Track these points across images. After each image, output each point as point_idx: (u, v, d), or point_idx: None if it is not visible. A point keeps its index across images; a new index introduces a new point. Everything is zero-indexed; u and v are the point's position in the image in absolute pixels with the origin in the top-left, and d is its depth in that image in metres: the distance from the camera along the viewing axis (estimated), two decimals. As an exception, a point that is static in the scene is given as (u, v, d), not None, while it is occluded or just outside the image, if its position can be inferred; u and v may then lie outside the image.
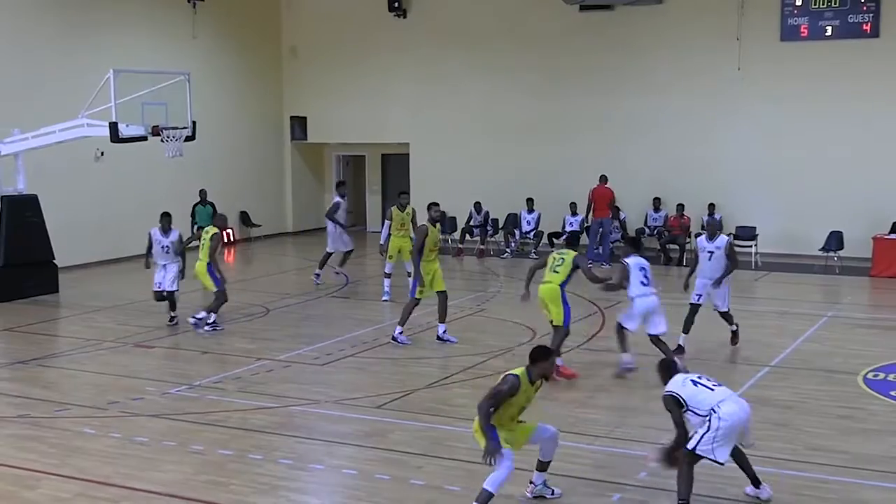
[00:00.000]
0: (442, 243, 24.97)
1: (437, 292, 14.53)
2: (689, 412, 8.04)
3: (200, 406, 11.30)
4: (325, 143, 29.73)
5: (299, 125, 28.87)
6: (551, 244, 22.44)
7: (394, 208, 17.89)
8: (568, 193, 23.96)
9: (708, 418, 7.93)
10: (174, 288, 16.05)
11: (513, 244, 24.47)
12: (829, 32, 22.33)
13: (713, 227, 14.11)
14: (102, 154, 22.20)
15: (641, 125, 24.24)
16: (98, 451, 9.80)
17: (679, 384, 8.15)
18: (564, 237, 14.67)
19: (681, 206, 23.08)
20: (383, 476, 8.99)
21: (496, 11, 25.77)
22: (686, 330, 13.75)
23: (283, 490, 8.75)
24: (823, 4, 22.26)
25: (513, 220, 25.09)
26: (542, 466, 8.39)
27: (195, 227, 21.38)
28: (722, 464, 8.01)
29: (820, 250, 21.71)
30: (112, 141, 17.13)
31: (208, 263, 15.34)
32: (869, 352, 13.81)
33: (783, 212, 22.99)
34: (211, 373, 12.82)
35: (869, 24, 21.93)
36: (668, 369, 8.46)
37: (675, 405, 8.08)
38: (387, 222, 17.86)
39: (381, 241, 17.99)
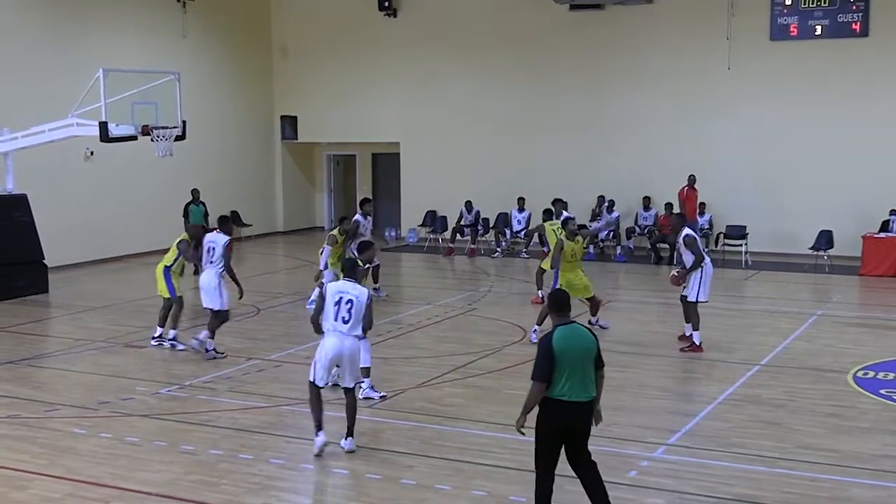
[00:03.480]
0: (433, 242, 25.22)
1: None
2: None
3: (191, 406, 11.28)
4: (316, 143, 29.71)
5: (290, 125, 28.85)
6: (542, 243, 22.41)
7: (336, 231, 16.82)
8: (558, 193, 23.91)
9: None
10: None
11: (503, 243, 24.48)
12: (818, 32, 22.39)
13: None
14: (92, 154, 22.16)
15: (632, 124, 24.29)
16: (88, 451, 9.77)
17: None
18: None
19: (670, 206, 23.11)
20: (374, 476, 8.98)
21: (487, 11, 25.79)
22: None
23: (273, 490, 8.74)
24: (813, 4, 22.32)
25: (503, 220, 25.11)
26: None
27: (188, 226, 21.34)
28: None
29: (810, 249, 21.77)
30: (102, 140, 17.08)
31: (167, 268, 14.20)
32: (859, 350, 13.87)
33: (773, 211, 23.05)
34: (201, 372, 12.79)
35: (858, 24, 22.01)
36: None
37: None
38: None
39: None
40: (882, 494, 8.58)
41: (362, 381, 10.98)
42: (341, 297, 9.37)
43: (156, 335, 14.41)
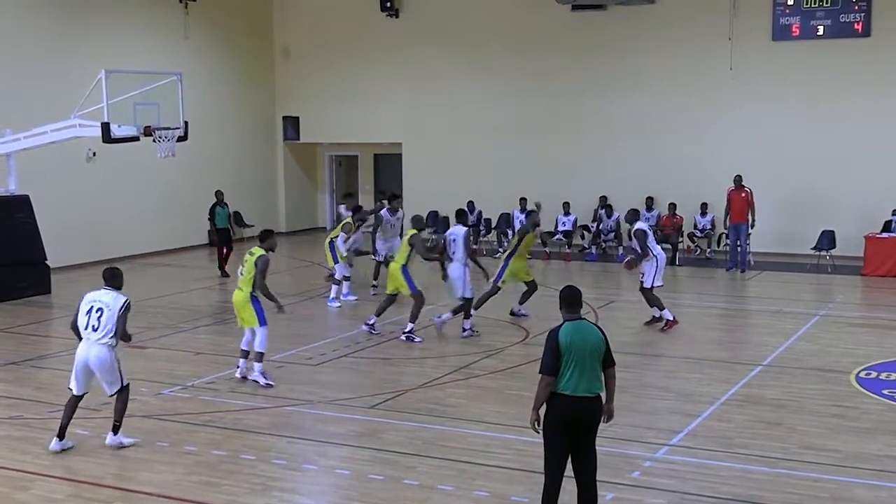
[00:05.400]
0: (434, 243, 25.20)
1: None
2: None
3: (193, 406, 11.28)
4: (318, 143, 29.72)
5: (292, 125, 28.85)
6: (543, 244, 22.44)
7: (351, 219, 18.18)
8: (561, 193, 23.99)
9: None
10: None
11: (506, 244, 24.45)
12: (820, 32, 22.37)
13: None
14: (95, 154, 22.18)
15: (634, 125, 24.27)
16: (91, 452, 9.78)
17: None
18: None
19: (673, 206, 23.11)
20: (376, 476, 8.99)
21: (488, 11, 25.78)
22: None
23: (276, 490, 8.75)
24: (815, 4, 22.31)
25: (506, 220, 25.08)
26: (245, 355, 12.24)
27: (215, 228, 21.35)
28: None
29: (812, 249, 21.74)
30: (104, 141, 17.10)
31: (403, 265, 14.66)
32: (861, 350, 13.86)
33: (775, 211, 23.01)
34: (204, 373, 12.80)
35: (861, 24, 21.99)
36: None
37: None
38: (343, 235, 17.97)
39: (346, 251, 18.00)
40: (884, 495, 8.58)
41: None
42: (92, 306, 9.47)
43: (406, 330, 14.62)
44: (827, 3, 22.20)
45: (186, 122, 17.91)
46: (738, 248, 21.36)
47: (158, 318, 16.20)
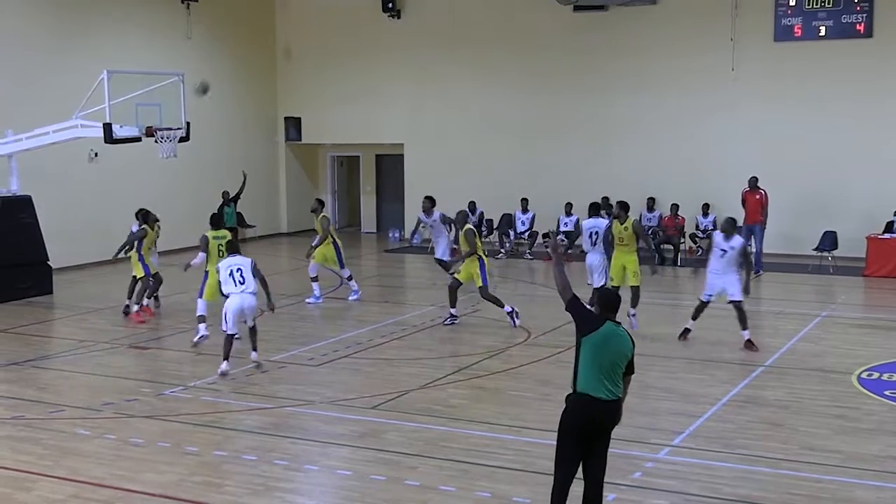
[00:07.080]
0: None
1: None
2: None
3: (195, 407, 11.29)
4: (320, 144, 29.73)
5: (294, 126, 28.87)
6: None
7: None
8: (562, 194, 23.97)
9: None
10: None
11: (507, 245, 24.48)
12: (822, 33, 22.37)
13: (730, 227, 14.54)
14: (97, 155, 22.19)
15: (636, 126, 24.28)
16: (93, 452, 9.78)
17: None
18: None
19: (675, 207, 23.11)
20: (378, 477, 8.99)
21: (490, 12, 25.80)
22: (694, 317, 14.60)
23: (277, 491, 8.75)
24: (817, 5, 22.31)
25: (507, 221, 25.09)
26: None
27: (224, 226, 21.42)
28: None
29: (814, 250, 21.74)
30: (106, 142, 17.10)
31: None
32: (863, 351, 13.85)
33: (777, 212, 22.99)
34: (205, 374, 12.80)
35: (862, 25, 21.99)
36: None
37: None
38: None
39: (314, 244, 17.99)
40: (886, 496, 8.57)
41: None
42: (231, 269, 12.50)
43: (508, 311, 15.50)
44: (829, 4, 22.19)
45: (188, 123, 17.91)
46: (750, 250, 21.27)
47: (160, 319, 16.19)
